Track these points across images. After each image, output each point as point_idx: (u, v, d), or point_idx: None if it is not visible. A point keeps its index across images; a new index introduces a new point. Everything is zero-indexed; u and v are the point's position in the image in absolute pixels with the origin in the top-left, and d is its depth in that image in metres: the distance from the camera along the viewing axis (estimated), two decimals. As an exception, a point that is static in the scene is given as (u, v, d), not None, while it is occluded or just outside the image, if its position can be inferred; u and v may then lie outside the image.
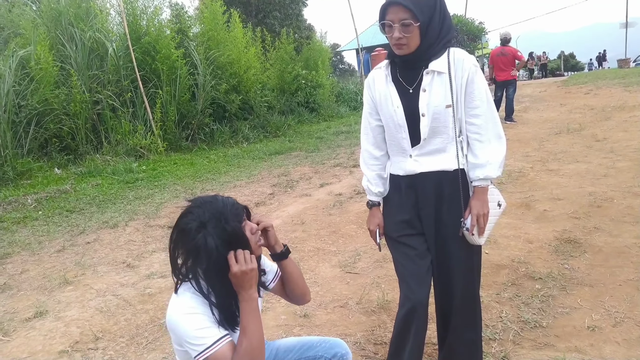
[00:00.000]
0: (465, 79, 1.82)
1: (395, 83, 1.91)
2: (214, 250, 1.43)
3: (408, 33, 1.76)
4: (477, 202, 1.89)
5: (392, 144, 1.99)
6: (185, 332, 1.42)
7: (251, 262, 1.47)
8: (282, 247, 1.71)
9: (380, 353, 2.51)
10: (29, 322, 3.11)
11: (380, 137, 2.04)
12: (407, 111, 1.87)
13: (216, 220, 1.44)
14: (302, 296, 1.81)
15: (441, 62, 1.82)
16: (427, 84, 1.84)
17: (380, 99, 1.94)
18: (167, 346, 2.71)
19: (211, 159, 8.61)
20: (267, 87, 12.90)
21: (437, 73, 1.83)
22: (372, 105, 2.01)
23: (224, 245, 1.44)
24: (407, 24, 1.74)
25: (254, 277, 1.49)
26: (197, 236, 1.43)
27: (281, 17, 23.01)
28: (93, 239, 4.69)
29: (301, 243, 4.26)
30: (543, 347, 2.45)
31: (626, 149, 6.42)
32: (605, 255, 3.44)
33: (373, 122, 2.03)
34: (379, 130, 2.03)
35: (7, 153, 7.06)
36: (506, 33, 10.40)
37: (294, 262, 1.78)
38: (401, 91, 1.89)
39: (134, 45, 9.24)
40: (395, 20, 1.76)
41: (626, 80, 14.16)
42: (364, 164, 2.09)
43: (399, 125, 1.89)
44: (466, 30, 23.76)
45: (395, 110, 1.89)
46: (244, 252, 1.47)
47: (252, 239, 1.52)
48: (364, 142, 2.09)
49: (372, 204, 2.09)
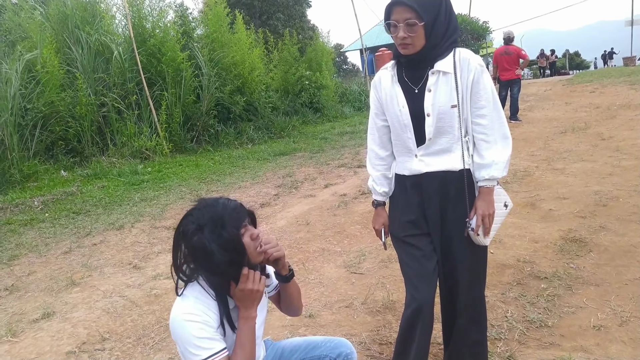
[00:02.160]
0: (471, 79, 1.82)
1: (401, 83, 1.91)
2: (210, 255, 1.43)
3: (413, 33, 1.76)
4: (482, 202, 1.89)
5: (397, 143, 1.99)
6: (185, 338, 1.44)
7: (259, 284, 1.52)
8: (287, 271, 1.72)
9: (385, 353, 2.51)
10: (37, 323, 3.14)
11: (386, 138, 2.05)
12: (413, 111, 1.87)
13: (213, 225, 1.44)
14: (295, 311, 1.88)
15: (447, 62, 1.83)
16: (432, 84, 1.84)
17: (386, 99, 1.95)
18: (173, 347, 2.73)
19: (216, 160, 8.64)
20: (271, 88, 12.94)
21: (443, 73, 1.83)
22: (378, 105, 2.02)
23: (220, 251, 1.44)
24: (411, 23, 1.75)
25: (257, 298, 1.53)
26: (194, 239, 1.44)
27: (285, 19, 23.02)
28: (99, 240, 4.72)
29: (306, 243, 4.27)
30: (549, 347, 2.45)
31: (632, 148, 6.38)
32: (611, 255, 3.42)
33: (379, 122, 2.04)
34: (384, 131, 2.04)
35: (14, 156, 7.12)
36: (509, 32, 10.35)
37: (295, 283, 1.80)
38: (407, 91, 1.89)
39: (140, 47, 9.29)
40: (400, 20, 1.77)
41: (632, 79, 14.08)
42: (370, 164, 2.10)
43: (404, 125, 1.90)
44: (470, 29, 23.70)
45: (400, 110, 1.89)
46: (255, 273, 1.52)
47: (251, 245, 1.51)
48: (370, 142, 2.10)
49: (377, 204, 2.10)
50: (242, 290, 1.50)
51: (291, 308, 1.85)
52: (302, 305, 1.88)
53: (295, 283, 1.79)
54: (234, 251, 1.47)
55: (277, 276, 1.75)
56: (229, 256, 1.45)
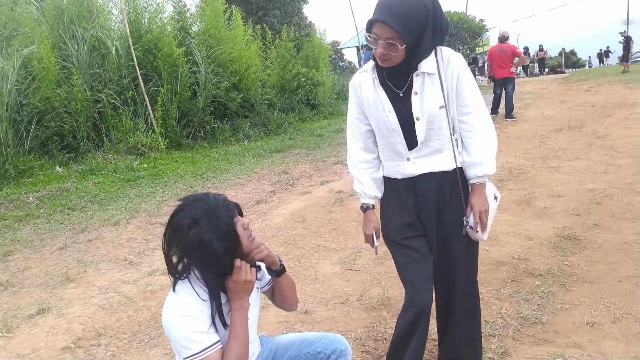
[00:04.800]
0: (456, 78, 1.80)
1: (384, 87, 1.86)
2: (207, 247, 1.44)
3: (393, 52, 1.70)
4: (477, 198, 1.90)
5: (385, 148, 1.96)
6: (178, 333, 1.45)
7: (251, 275, 1.55)
8: (278, 266, 1.73)
9: (380, 349, 2.52)
10: (32, 319, 3.14)
11: (371, 141, 2.01)
12: (400, 115, 1.83)
13: (208, 217, 1.45)
14: (289, 306, 1.88)
15: (430, 62, 1.78)
16: (418, 87, 1.80)
17: (369, 104, 1.90)
18: (169, 342, 2.72)
19: (212, 156, 8.63)
20: (267, 84, 12.91)
21: (427, 74, 1.79)
22: (360, 110, 1.97)
23: (218, 241, 1.45)
24: (392, 44, 1.67)
25: (250, 289, 1.56)
26: (190, 233, 1.44)
27: (281, 15, 22.96)
28: (95, 236, 4.71)
29: (302, 240, 4.27)
30: (543, 343, 2.46)
31: (627, 146, 6.42)
32: (605, 252, 3.45)
33: (362, 127, 1.99)
34: (368, 135, 2.00)
35: (9, 151, 7.08)
36: (504, 31, 10.40)
37: (288, 278, 1.80)
38: (391, 95, 1.85)
39: (136, 43, 9.25)
40: (381, 36, 1.69)
41: (627, 77, 14.14)
42: (355, 168, 2.05)
43: (392, 130, 1.86)
44: (467, 27, 23.70)
45: (387, 115, 1.85)
46: (246, 264, 1.55)
47: (244, 234, 1.54)
48: (353, 147, 2.05)
49: (366, 207, 2.06)
50: (236, 282, 1.52)
51: (285, 303, 1.85)
52: (297, 300, 1.89)
53: (288, 278, 1.80)
54: (232, 240, 1.49)
55: (269, 271, 1.77)
56: (225, 246, 1.47)
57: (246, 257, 1.58)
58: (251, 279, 1.55)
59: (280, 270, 1.74)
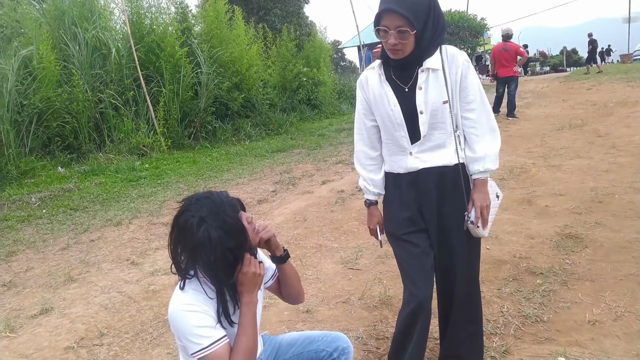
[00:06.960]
0: (460, 75, 1.85)
1: (390, 82, 1.91)
2: (217, 243, 1.46)
3: (404, 40, 1.77)
4: (479, 194, 1.92)
5: (389, 143, 2.00)
6: (185, 328, 1.46)
7: (260, 269, 1.58)
8: (282, 251, 1.75)
9: (382, 348, 2.53)
10: (35, 319, 3.15)
11: (375, 137, 2.05)
12: (405, 109, 1.88)
13: (215, 214, 1.47)
14: (297, 297, 1.89)
15: (435, 59, 1.84)
16: (422, 82, 1.86)
17: (376, 99, 1.95)
18: (171, 342, 2.74)
19: (213, 156, 8.64)
20: (269, 84, 12.92)
21: (432, 70, 1.84)
22: (366, 105, 2.02)
23: (227, 237, 1.47)
24: (403, 31, 1.75)
25: (259, 282, 1.59)
26: (200, 230, 1.45)
27: (282, 14, 22.96)
28: (97, 236, 4.73)
29: (303, 240, 4.28)
30: (544, 342, 2.47)
31: (628, 145, 6.41)
32: (606, 250, 3.45)
33: (368, 122, 2.04)
34: (373, 131, 2.04)
35: (11, 152, 7.10)
36: (508, 29, 10.36)
37: (292, 266, 1.83)
38: (397, 90, 1.90)
39: (138, 44, 9.26)
40: (391, 27, 1.76)
41: (628, 76, 14.12)
42: (360, 164, 2.11)
43: (397, 124, 1.91)
44: (468, 26, 23.66)
45: (392, 109, 1.90)
46: (254, 259, 1.58)
47: (249, 228, 1.57)
48: (359, 143, 2.10)
49: (370, 203, 2.12)
50: (246, 274, 1.55)
51: (292, 294, 1.86)
52: (303, 291, 1.90)
53: (292, 266, 1.82)
54: (239, 234, 1.51)
55: (272, 259, 1.77)
56: (234, 241, 1.49)
57: (252, 250, 1.60)
58: (261, 272, 1.58)
59: (285, 256, 1.76)
